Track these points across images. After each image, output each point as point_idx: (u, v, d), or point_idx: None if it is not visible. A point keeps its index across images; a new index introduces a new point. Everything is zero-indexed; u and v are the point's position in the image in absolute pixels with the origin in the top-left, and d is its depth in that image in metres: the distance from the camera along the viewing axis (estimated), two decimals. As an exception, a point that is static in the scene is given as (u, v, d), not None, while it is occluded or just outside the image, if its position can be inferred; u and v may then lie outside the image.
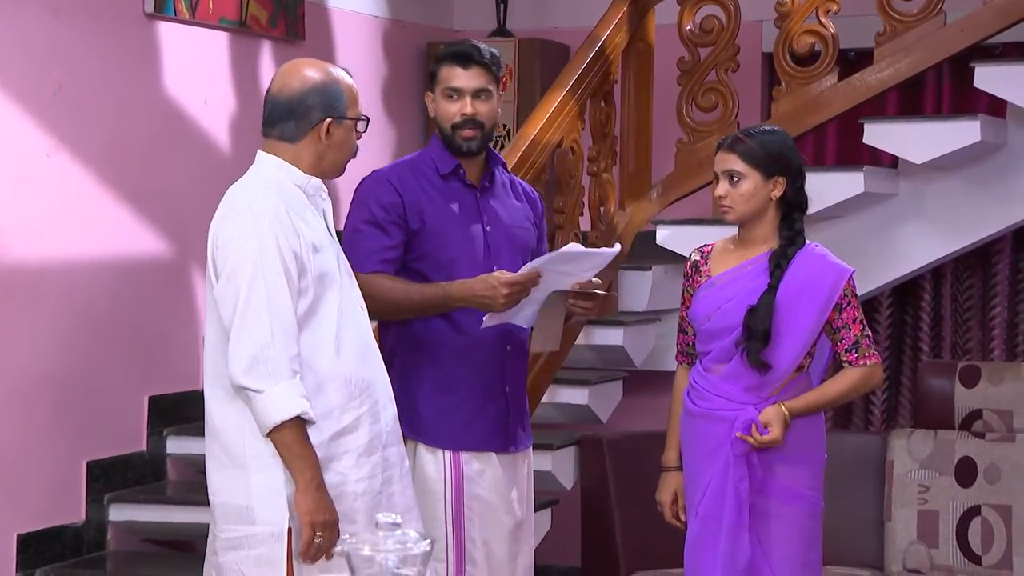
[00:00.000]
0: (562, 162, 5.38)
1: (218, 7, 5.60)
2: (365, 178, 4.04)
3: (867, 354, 4.00)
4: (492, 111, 4.03)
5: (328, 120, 3.50)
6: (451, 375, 3.97)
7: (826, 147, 6.80)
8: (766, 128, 4.17)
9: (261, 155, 3.56)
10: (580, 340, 5.52)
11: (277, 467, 3.40)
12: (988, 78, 5.54)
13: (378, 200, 3.94)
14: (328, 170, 3.58)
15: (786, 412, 3.94)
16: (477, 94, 3.98)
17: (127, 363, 5.21)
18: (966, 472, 5.26)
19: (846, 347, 4.01)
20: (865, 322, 4.04)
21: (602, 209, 5.67)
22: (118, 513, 5.14)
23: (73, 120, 5.02)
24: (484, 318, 3.86)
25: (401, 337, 4.01)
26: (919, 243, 5.91)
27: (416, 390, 3.97)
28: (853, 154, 6.44)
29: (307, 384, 3.41)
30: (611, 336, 5.61)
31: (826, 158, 6.76)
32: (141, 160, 5.28)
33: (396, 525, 1.72)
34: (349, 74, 3.61)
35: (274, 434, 3.36)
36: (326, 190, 3.63)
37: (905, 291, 6.58)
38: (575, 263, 3.90)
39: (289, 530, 3.40)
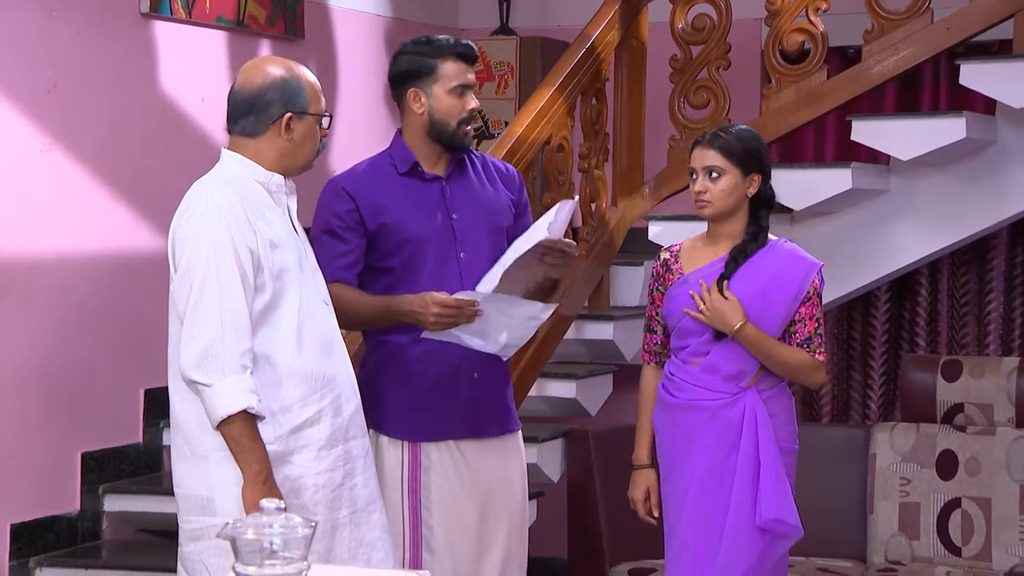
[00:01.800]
0: (551, 159, 5.45)
1: (215, 7, 5.68)
2: (324, 186, 4.10)
3: (817, 351, 4.07)
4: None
5: (288, 115, 3.57)
6: (413, 367, 4.01)
7: (826, 143, 6.85)
8: (741, 126, 4.23)
9: (224, 152, 3.64)
10: (571, 334, 5.60)
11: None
12: (973, 75, 5.58)
13: (332, 208, 4.00)
14: (292, 166, 3.63)
15: (738, 324, 3.99)
16: (473, 89, 4.08)
17: (123, 357, 5.31)
18: (947, 465, 5.31)
19: (798, 340, 4.06)
20: (822, 322, 4.09)
21: (593, 205, 5.74)
22: (113, 503, 5.24)
23: (67, 117, 5.11)
24: (422, 332, 3.90)
25: (372, 332, 4.10)
26: (911, 239, 5.95)
27: (381, 383, 4.03)
28: (851, 150, 6.49)
29: (267, 378, 3.48)
30: (602, 331, 5.68)
31: (825, 154, 6.82)
32: (137, 157, 5.38)
33: (281, 509, 1.80)
34: (312, 71, 3.68)
35: (222, 427, 3.42)
36: (293, 186, 3.70)
37: (902, 286, 6.63)
38: (516, 307, 3.91)
39: None
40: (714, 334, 4.05)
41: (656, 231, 5.83)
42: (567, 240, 3.94)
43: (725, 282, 4.03)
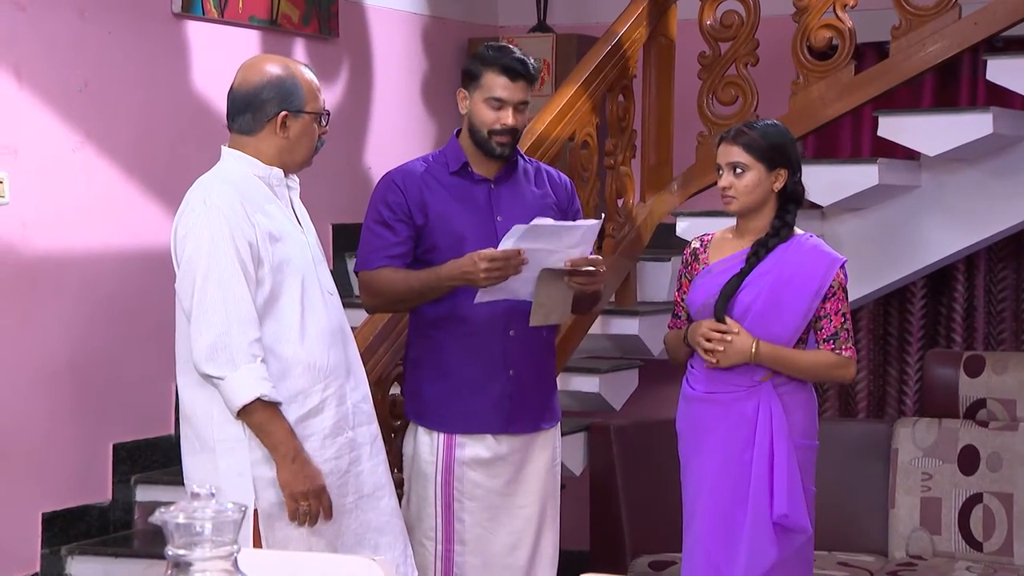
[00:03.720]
0: (575, 155, 5.50)
1: (248, 6, 5.78)
2: (378, 180, 4.24)
3: (844, 346, 4.08)
4: (527, 119, 4.21)
5: (283, 113, 3.65)
6: (450, 360, 4.12)
7: (862, 139, 6.85)
8: (768, 121, 4.26)
9: (224, 150, 3.73)
10: (597, 329, 5.64)
11: (242, 450, 3.57)
12: (1000, 71, 5.58)
13: (384, 200, 4.13)
14: (290, 162, 3.72)
15: (754, 349, 4.02)
16: (518, 106, 4.11)
17: (154, 350, 5.40)
18: (969, 460, 5.31)
19: (824, 336, 4.09)
20: (848, 317, 4.11)
21: (620, 202, 5.79)
22: (145, 494, 5.34)
23: (99, 116, 5.22)
24: (476, 295, 3.99)
25: (414, 325, 4.20)
26: (942, 235, 5.94)
27: (421, 375, 4.14)
28: (888, 146, 6.48)
29: (272, 369, 3.57)
30: (628, 326, 5.72)
31: (862, 150, 6.82)
32: (167, 155, 5.48)
33: (212, 495, 1.87)
34: (311, 70, 3.76)
35: (243, 417, 3.54)
36: (296, 180, 3.78)
37: (938, 281, 6.61)
38: (555, 237, 3.96)
39: (255, 510, 3.57)
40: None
41: (684, 227, 5.86)
42: (593, 257, 4.02)
43: (711, 323, 4.05)
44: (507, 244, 3.92)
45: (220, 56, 5.69)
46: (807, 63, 5.81)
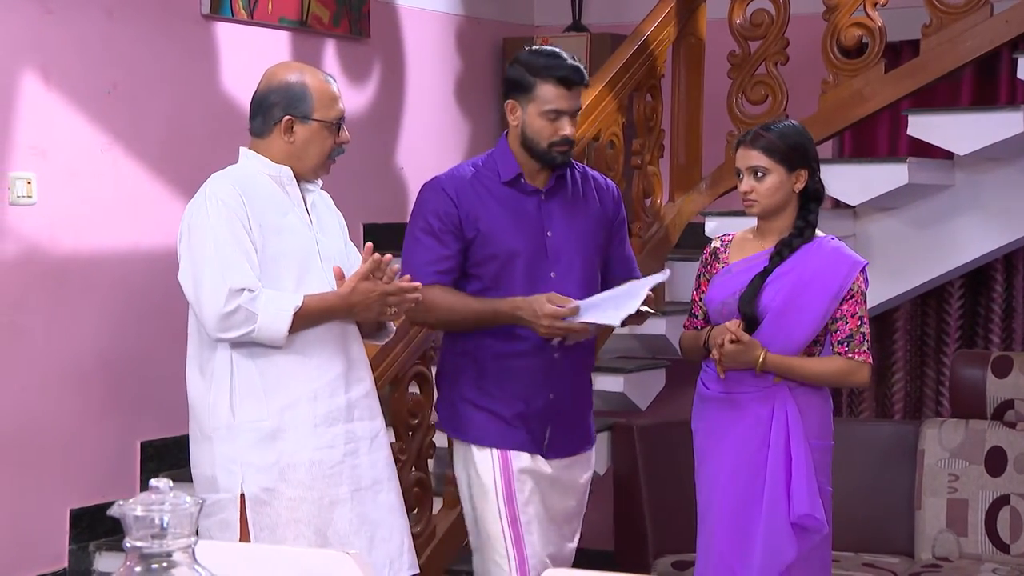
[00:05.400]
0: (600, 155, 5.50)
1: (277, 7, 5.81)
2: (425, 184, 4.08)
3: (858, 350, 4.05)
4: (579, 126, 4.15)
5: (287, 118, 3.69)
6: (489, 380, 4.03)
7: (899, 137, 6.81)
8: (784, 122, 4.24)
9: (240, 150, 3.80)
10: (624, 329, 5.60)
11: (236, 439, 3.65)
12: (1031, 68, 5.54)
13: (435, 210, 3.98)
14: (299, 168, 3.76)
15: (760, 359, 4.00)
16: (574, 114, 4.00)
17: (181, 350, 5.31)
18: (996, 461, 5.27)
19: (839, 339, 4.06)
20: (866, 321, 4.07)
21: (647, 201, 5.78)
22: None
23: (127, 118, 5.27)
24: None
25: (449, 342, 4.13)
26: (976, 234, 5.91)
27: (461, 393, 4.05)
28: (925, 144, 6.44)
29: (260, 356, 3.64)
30: (655, 325, 5.70)
31: (899, 149, 6.78)
32: (196, 156, 5.51)
33: (170, 488, 1.89)
34: (332, 79, 3.79)
35: (295, 331, 3.62)
36: (319, 183, 3.82)
37: (976, 281, 6.56)
38: (616, 301, 3.95)
39: (242, 496, 3.61)
40: (746, 327, 4.06)
41: (712, 226, 5.85)
42: (644, 309, 3.98)
43: (737, 323, 4.04)
44: (575, 318, 3.86)
45: (249, 57, 5.72)
46: (837, 62, 5.79)
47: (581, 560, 5.15)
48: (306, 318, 3.61)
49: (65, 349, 5.08)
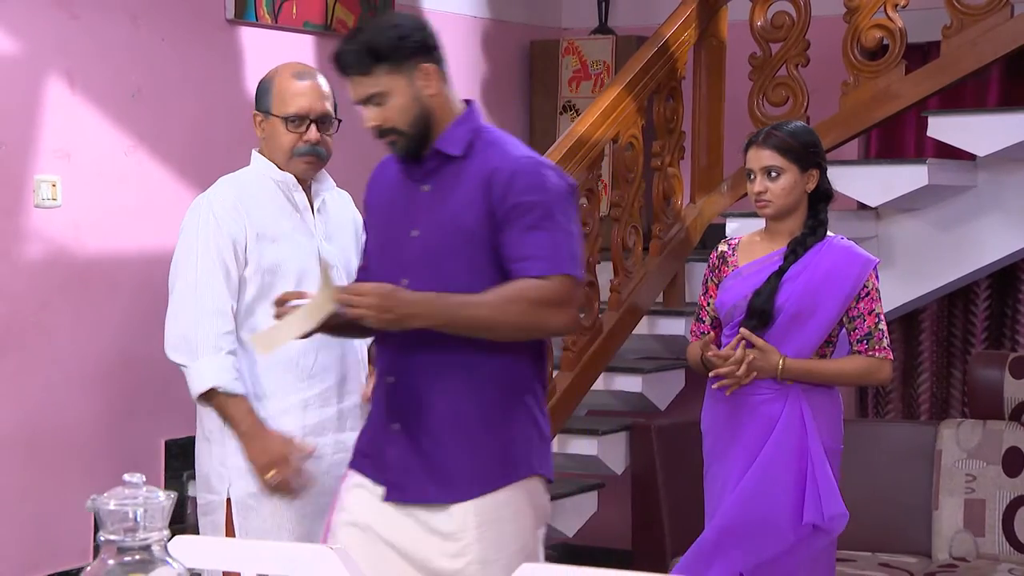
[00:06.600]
0: (619, 157, 5.54)
1: (302, 11, 5.87)
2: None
3: (878, 347, 4.05)
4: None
5: (255, 113, 3.85)
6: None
7: (925, 138, 6.79)
8: (794, 122, 4.26)
9: (252, 152, 3.90)
10: (644, 330, 5.68)
11: (227, 442, 3.72)
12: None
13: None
14: (277, 164, 3.83)
15: (780, 365, 4.01)
16: (363, 103, 3.31)
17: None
18: (1013, 462, 5.27)
19: (858, 337, 4.06)
20: (883, 317, 4.07)
21: (668, 203, 5.82)
22: (196, 490, 5.44)
23: (152, 121, 5.34)
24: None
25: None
26: (999, 235, 5.90)
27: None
28: (951, 146, 6.44)
29: (251, 365, 3.69)
30: (675, 326, 5.75)
31: (925, 150, 6.77)
32: (219, 159, 5.55)
33: (143, 482, 1.94)
34: (313, 76, 3.88)
35: (202, 403, 3.71)
36: (327, 184, 3.88)
37: (1003, 283, 6.55)
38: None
39: (228, 500, 3.69)
40: (760, 328, 4.07)
41: (734, 227, 5.86)
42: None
43: (741, 342, 4.04)
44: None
45: (274, 62, 5.67)
46: (858, 63, 5.80)
47: (599, 559, 5.22)
48: (218, 408, 3.69)
49: (90, 349, 5.16)
